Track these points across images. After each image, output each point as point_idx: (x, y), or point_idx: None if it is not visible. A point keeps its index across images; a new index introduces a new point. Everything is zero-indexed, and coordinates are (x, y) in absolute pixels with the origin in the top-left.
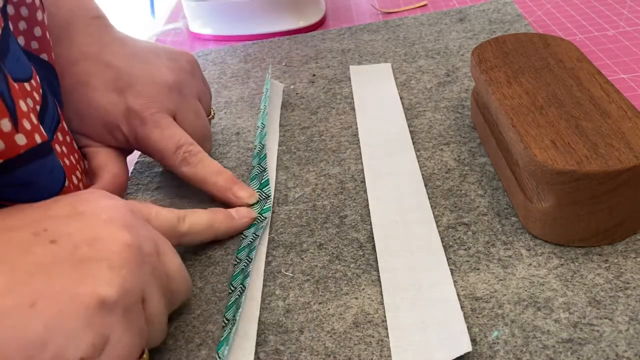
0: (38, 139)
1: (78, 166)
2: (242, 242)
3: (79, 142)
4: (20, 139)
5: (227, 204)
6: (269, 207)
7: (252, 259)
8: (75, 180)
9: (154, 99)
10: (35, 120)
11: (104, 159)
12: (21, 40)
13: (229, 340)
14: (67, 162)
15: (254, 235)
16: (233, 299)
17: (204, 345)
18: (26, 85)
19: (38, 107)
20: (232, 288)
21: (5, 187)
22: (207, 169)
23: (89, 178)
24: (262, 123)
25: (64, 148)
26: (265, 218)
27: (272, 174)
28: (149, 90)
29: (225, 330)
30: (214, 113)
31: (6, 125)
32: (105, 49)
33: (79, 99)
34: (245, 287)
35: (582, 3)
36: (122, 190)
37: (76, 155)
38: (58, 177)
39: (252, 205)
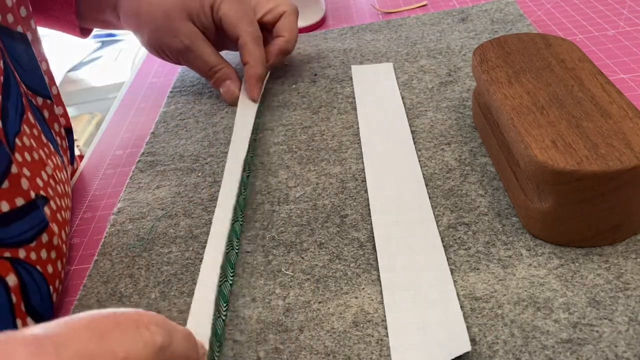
0: None
1: (49, 161)
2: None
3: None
4: None
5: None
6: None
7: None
8: (45, 177)
9: None
10: None
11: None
12: None
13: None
14: (35, 156)
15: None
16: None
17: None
18: None
19: None
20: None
21: None
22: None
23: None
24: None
25: (32, 141)
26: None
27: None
28: None
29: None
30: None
31: None
32: None
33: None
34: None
35: (582, 3)
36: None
37: (46, 149)
38: None
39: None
